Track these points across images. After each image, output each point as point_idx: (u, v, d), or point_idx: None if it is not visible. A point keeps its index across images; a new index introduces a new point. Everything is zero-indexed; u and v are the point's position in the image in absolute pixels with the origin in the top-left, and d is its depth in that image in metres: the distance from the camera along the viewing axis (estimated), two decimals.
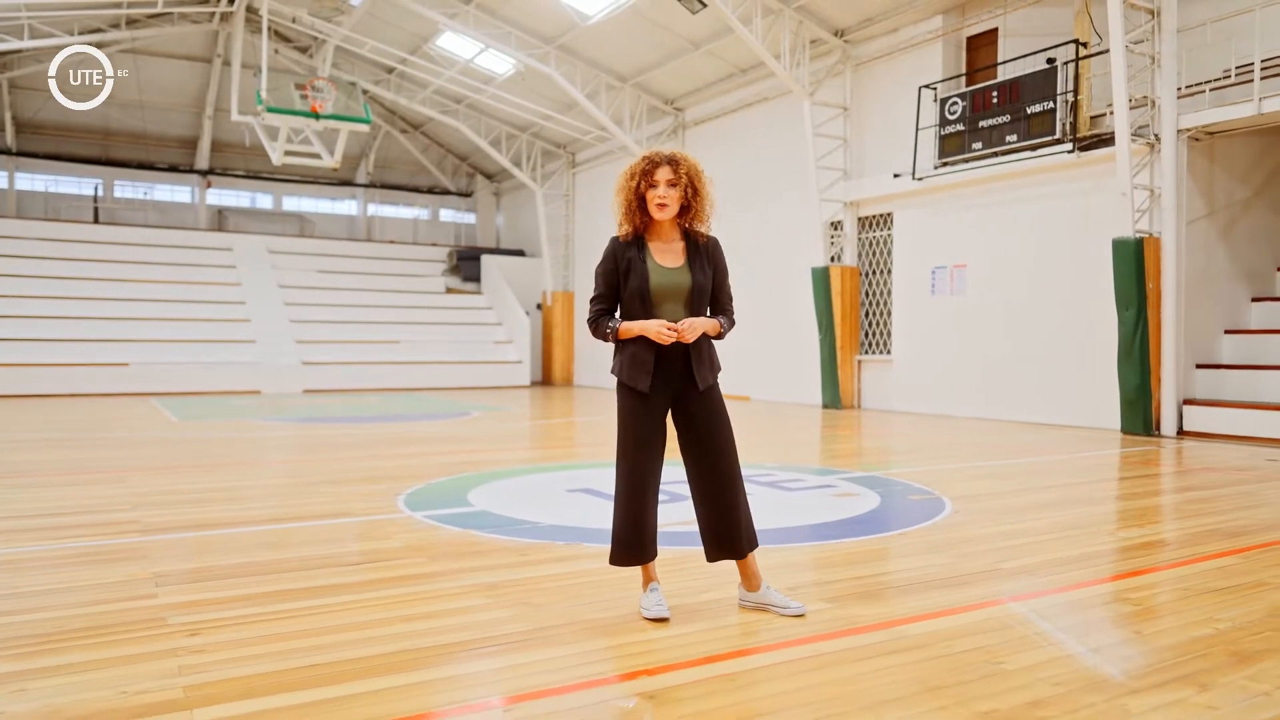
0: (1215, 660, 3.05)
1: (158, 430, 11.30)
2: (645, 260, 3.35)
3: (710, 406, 3.47)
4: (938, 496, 6.33)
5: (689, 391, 3.44)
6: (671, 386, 3.43)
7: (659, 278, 3.34)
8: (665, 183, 3.32)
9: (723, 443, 3.49)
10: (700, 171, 3.39)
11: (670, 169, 3.33)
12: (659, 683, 2.83)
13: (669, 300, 3.36)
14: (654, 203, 3.32)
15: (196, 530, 5.18)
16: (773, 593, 3.54)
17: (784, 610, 3.48)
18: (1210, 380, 11.08)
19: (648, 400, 3.39)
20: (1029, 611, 3.64)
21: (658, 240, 3.41)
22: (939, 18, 13.66)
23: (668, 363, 3.39)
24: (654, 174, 3.33)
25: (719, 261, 3.48)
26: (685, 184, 3.34)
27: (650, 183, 3.33)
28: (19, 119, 22.95)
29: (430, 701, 2.68)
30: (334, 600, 3.75)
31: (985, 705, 2.66)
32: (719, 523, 3.50)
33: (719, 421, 3.49)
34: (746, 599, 3.57)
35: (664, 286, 3.34)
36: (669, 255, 3.39)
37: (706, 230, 3.47)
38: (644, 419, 3.40)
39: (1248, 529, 5.32)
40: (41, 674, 2.89)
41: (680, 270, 3.37)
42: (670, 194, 3.32)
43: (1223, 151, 11.20)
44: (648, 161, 3.35)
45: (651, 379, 3.37)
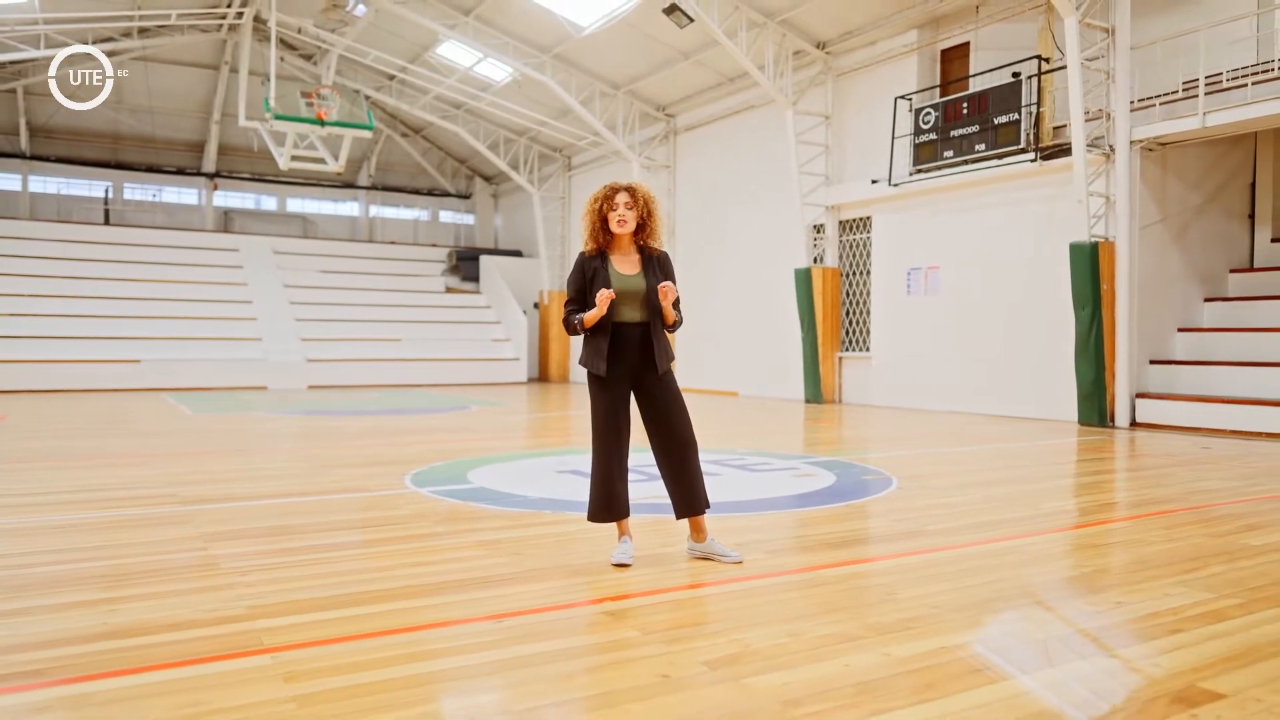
0: (1067, 593, 3.79)
1: (174, 422, 12.03)
2: (607, 269, 4.09)
3: (667, 390, 4.20)
4: (887, 476, 7.07)
5: (648, 376, 4.16)
6: (631, 371, 4.15)
7: (619, 283, 4.08)
8: (624, 205, 4.07)
9: (679, 420, 4.21)
10: (653, 198, 4.15)
11: (628, 195, 4.08)
12: (619, 606, 3.58)
13: (627, 301, 4.09)
14: (614, 221, 4.06)
15: (227, 502, 5.91)
16: (716, 544, 4.28)
17: (725, 558, 4.22)
18: (1163, 375, 11.82)
19: (608, 383, 4.12)
20: (934, 560, 4.38)
21: (617, 253, 4.15)
22: (914, 32, 14.39)
23: (627, 351, 4.12)
24: (614, 199, 4.08)
25: (669, 271, 4.21)
26: (641, 207, 4.08)
27: (611, 205, 4.08)
28: (33, 124, 23.67)
29: (437, 617, 3.42)
30: (355, 551, 4.49)
31: (872, 619, 3.40)
32: (682, 487, 4.22)
33: (675, 402, 4.21)
34: (695, 549, 4.31)
35: (623, 290, 4.08)
36: (627, 264, 4.13)
37: (658, 246, 4.20)
38: (608, 399, 4.13)
39: (1149, 501, 6.06)
40: (127, 600, 3.62)
41: (636, 277, 4.11)
42: (629, 214, 4.06)
43: (1175, 161, 11.94)
44: (609, 189, 4.11)
45: (609, 365, 4.09)
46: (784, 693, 2.67)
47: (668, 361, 4.20)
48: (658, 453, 4.26)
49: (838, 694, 2.66)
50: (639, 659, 2.97)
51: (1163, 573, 4.18)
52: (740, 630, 3.26)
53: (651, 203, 4.13)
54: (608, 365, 4.10)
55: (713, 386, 18.79)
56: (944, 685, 2.74)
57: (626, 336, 4.10)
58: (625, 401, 4.19)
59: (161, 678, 2.77)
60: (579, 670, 2.87)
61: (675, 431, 4.18)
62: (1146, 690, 2.73)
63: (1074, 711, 2.55)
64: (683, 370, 19.86)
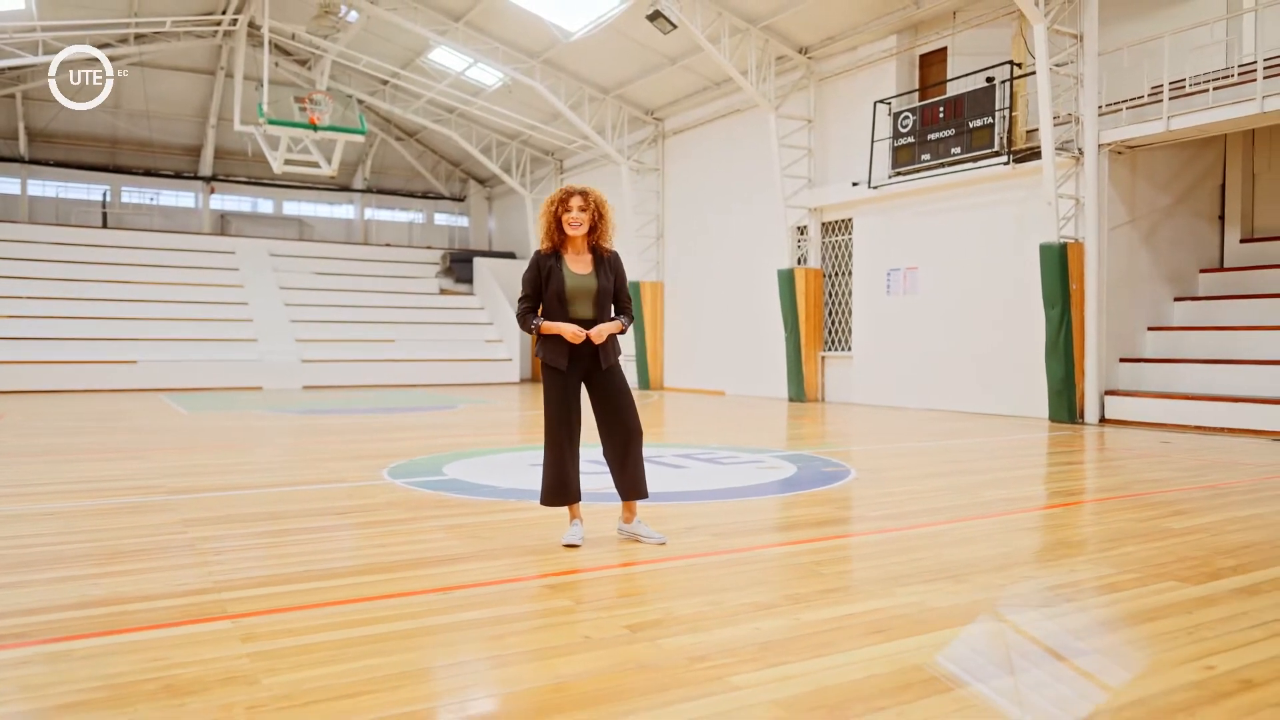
0: (982, 569, 4.08)
1: (170, 420, 12.33)
2: (561, 268, 4.38)
3: (614, 383, 4.48)
4: (847, 468, 7.36)
5: (597, 369, 4.45)
6: (582, 365, 4.44)
7: (572, 282, 4.36)
8: (577, 208, 4.36)
9: (626, 411, 4.50)
10: (604, 202, 4.43)
11: (581, 199, 4.37)
12: (560, 580, 3.87)
13: (580, 299, 4.37)
14: (568, 223, 4.35)
15: (211, 492, 6.20)
16: (642, 525, 4.57)
17: (649, 539, 4.50)
18: (1132, 373, 12.11)
19: (564, 377, 4.41)
20: (867, 541, 4.68)
21: (571, 253, 4.44)
22: (894, 37, 14.69)
23: (579, 347, 4.40)
24: (569, 201, 4.36)
25: (619, 270, 4.50)
26: (593, 210, 4.37)
27: (566, 208, 4.36)
28: (31, 129, 24.00)
29: (390, 590, 3.71)
30: (326, 534, 4.79)
31: (791, 591, 3.69)
32: (626, 473, 4.51)
33: (623, 395, 4.50)
34: (624, 530, 4.60)
35: (576, 289, 4.36)
36: (580, 264, 4.41)
37: (609, 247, 4.49)
38: (562, 391, 4.43)
39: (1089, 490, 6.35)
40: (107, 575, 3.92)
41: (589, 276, 4.39)
42: (581, 216, 4.35)
43: (1144, 163, 12.23)
44: (564, 193, 4.39)
45: (564, 360, 4.38)
46: (692, 650, 2.96)
47: (614, 356, 4.48)
48: (605, 440, 4.55)
49: (742, 651, 2.95)
50: (567, 624, 3.27)
51: (1077, 552, 4.47)
52: (666, 600, 3.56)
53: (603, 206, 4.42)
54: (564, 356, 4.38)
55: (700, 385, 19.09)
56: (840, 644, 3.03)
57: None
58: (576, 393, 4.48)
59: (132, 639, 3.07)
60: (510, 633, 3.16)
61: (623, 422, 4.47)
62: (1021, 646, 3.02)
63: (947, 664, 2.84)
64: (671, 369, 20.17)
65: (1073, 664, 2.84)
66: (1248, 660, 2.86)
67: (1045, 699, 2.56)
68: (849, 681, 2.68)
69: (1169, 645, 3.05)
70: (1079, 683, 2.69)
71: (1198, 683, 2.69)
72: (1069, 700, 2.55)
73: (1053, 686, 2.66)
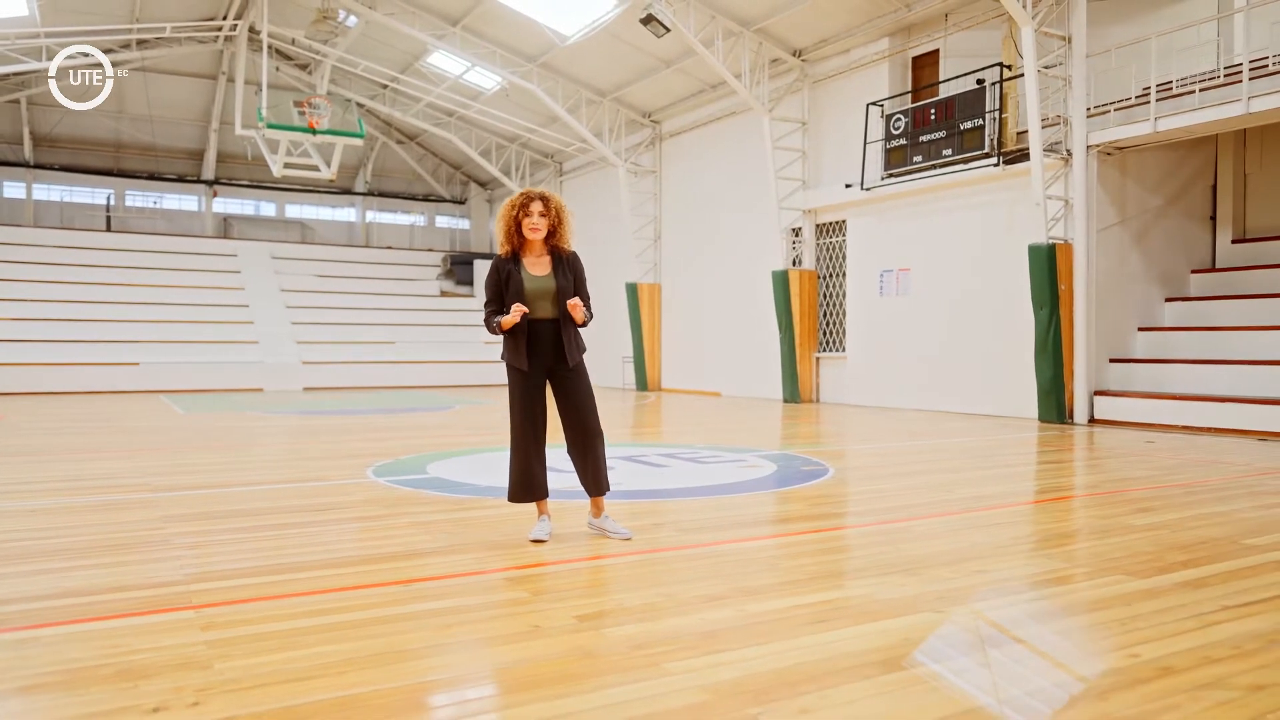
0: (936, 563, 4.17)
1: (164, 420, 12.47)
2: (520, 272, 4.47)
3: (578, 381, 4.56)
4: (825, 467, 7.44)
5: (561, 367, 4.53)
6: (546, 364, 4.52)
7: (531, 284, 4.45)
8: (538, 213, 4.44)
9: (587, 413, 4.56)
10: (563, 206, 4.52)
11: (541, 204, 4.45)
12: (521, 574, 3.97)
13: (540, 300, 4.46)
14: (528, 228, 4.44)
15: (194, 490, 6.31)
16: (609, 521, 4.66)
17: (615, 534, 4.59)
18: (1122, 373, 12.16)
19: (527, 376, 4.50)
20: (830, 537, 4.76)
21: (530, 256, 4.52)
22: (886, 40, 14.76)
23: (541, 345, 4.48)
24: (529, 207, 4.45)
25: (578, 270, 4.58)
26: (553, 216, 4.46)
27: (526, 213, 4.45)
28: (36, 133, 24.24)
29: (353, 582, 3.81)
30: (301, 530, 4.89)
31: (744, 584, 3.77)
32: (588, 470, 4.60)
33: (585, 396, 4.57)
34: (593, 524, 4.69)
35: (535, 290, 4.45)
36: (538, 266, 4.50)
37: (568, 248, 4.57)
38: (526, 390, 4.52)
39: (1061, 488, 6.42)
40: (82, 568, 4.03)
41: (547, 277, 4.48)
42: (541, 222, 4.44)
43: (1134, 164, 12.28)
44: (524, 197, 4.47)
45: (528, 359, 4.47)
46: (636, 639, 3.05)
47: (578, 354, 4.56)
48: (568, 438, 4.63)
49: (684, 639, 3.04)
50: (518, 614, 3.36)
51: (1034, 547, 4.55)
52: (620, 593, 3.65)
53: (563, 212, 4.51)
54: (526, 355, 4.48)
55: (696, 387, 19.17)
56: (780, 634, 3.12)
57: (540, 332, 4.47)
58: (541, 391, 4.57)
59: (95, 627, 3.18)
60: (461, 622, 3.25)
61: (584, 421, 4.55)
62: (953, 636, 3.11)
63: (877, 653, 2.92)
64: (669, 371, 20.25)
65: (1000, 652, 2.93)
66: (1173, 649, 2.94)
67: (964, 685, 2.64)
68: (779, 668, 2.76)
69: (1100, 635, 3.13)
70: (1002, 669, 2.77)
71: (1119, 669, 2.77)
72: (986, 686, 2.64)
73: (975, 673, 2.74)
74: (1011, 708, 2.47)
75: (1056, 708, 2.48)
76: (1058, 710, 2.47)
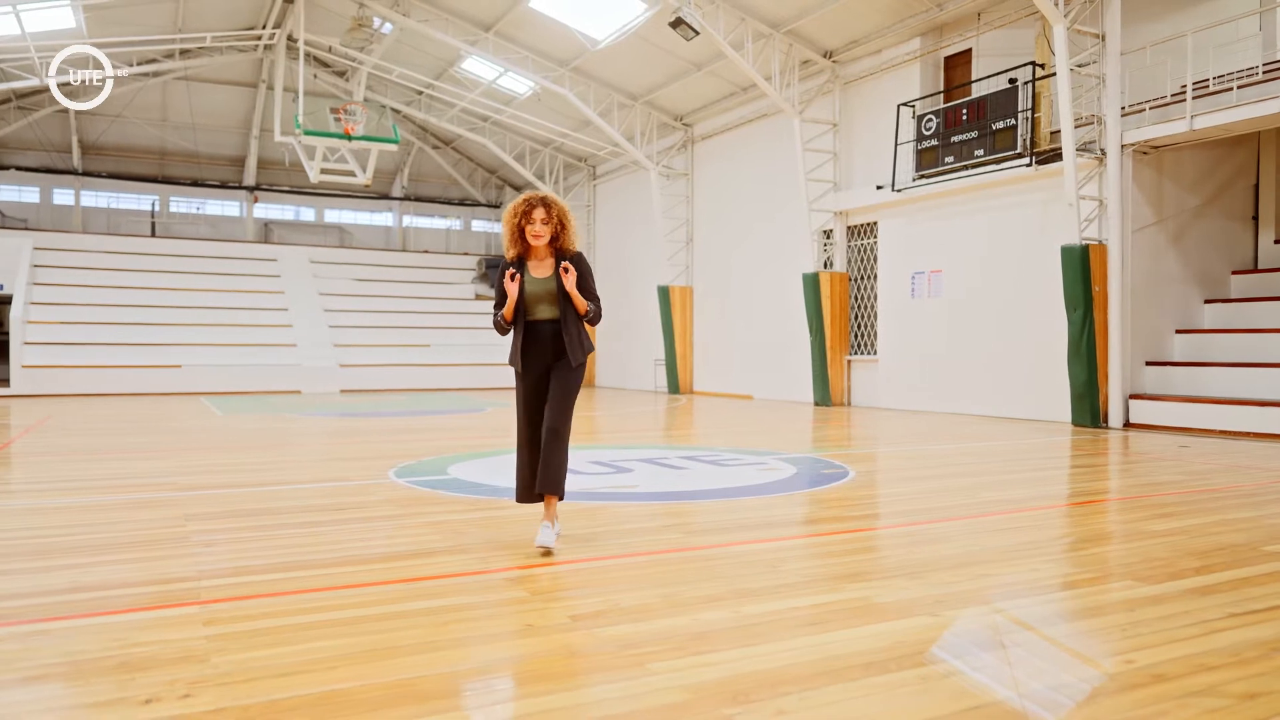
0: (940, 567, 4.13)
1: (201, 422, 12.74)
2: (524, 275, 4.50)
3: (569, 378, 4.49)
4: (846, 470, 7.40)
5: (561, 365, 4.50)
6: (545, 364, 4.53)
7: (532, 286, 4.49)
8: (540, 220, 4.45)
9: (556, 409, 4.44)
10: (567, 211, 4.53)
11: (544, 211, 4.45)
12: (523, 573, 4.01)
13: (540, 302, 4.48)
14: (530, 235, 4.46)
15: (219, 489, 6.45)
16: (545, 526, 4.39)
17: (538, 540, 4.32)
18: (1159, 376, 11.91)
19: (525, 377, 4.53)
20: (837, 540, 4.74)
21: (534, 259, 4.54)
22: (917, 40, 14.63)
23: (540, 345, 4.50)
24: (531, 214, 4.45)
25: (581, 270, 4.54)
26: (555, 222, 4.47)
27: (528, 220, 4.47)
28: (84, 142, 24.91)
29: (357, 580, 3.88)
30: (316, 529, 4.99)
31: (742, 586, 3.78)
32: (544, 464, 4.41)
33: (565, 393, 4.47)
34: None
35: (535, 293, 4.48)
36: (541, 269, 4.52)
37: (573, 249, 4.58)
38: (526, 389, 4.53)
39: (1083, 492, 6.31)
40: (102, 563, 4.15)
41: (548, 279, 4.49)
42: (544, 229, 4.45)
43: (1171, 164, 12.03)
44: (527, 204, 4.48)
45: (525, 358, 4.50)
46: (625, 639, 3.07)
47: (582, 355, 4.53)
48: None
49: (674, 640, 3.05)
50: (514, 613, 3.40)
51: (1045, 552, 4.49)
52: (618, 593, 3.67)
53: (565, 217, 4.51)
54: (524, 359, 4.51)
55: (728, 390, 19.13)
56: (771, 635, 3.12)
57: (540, 332, 4.49)
58: (541, 392, 4.57)
59: (105, 621, 3.27)
60: (456, 620, 3.30)
61: (550, 417, 4.43)
62: (944, 640, 3.08)
63: (870, 655, 2.91)
64: (700, 373, 20.23)
65: (990, 657, 2.90)
66: (1170, 656, 2.89)
67: (947, 689, 2.62)
68: (765, 669, 2.77)
69: (1096, 640, 3.09)
70: (989, 674, 2.75)
71: (1110, 675, 2.73)
72: (970, 690, 2.61)
73: (961, 677, 2.72)
74: (991, 712, 2.45)
75: (1040, 713, 2.46)
76: (1040, 715, 2.44)
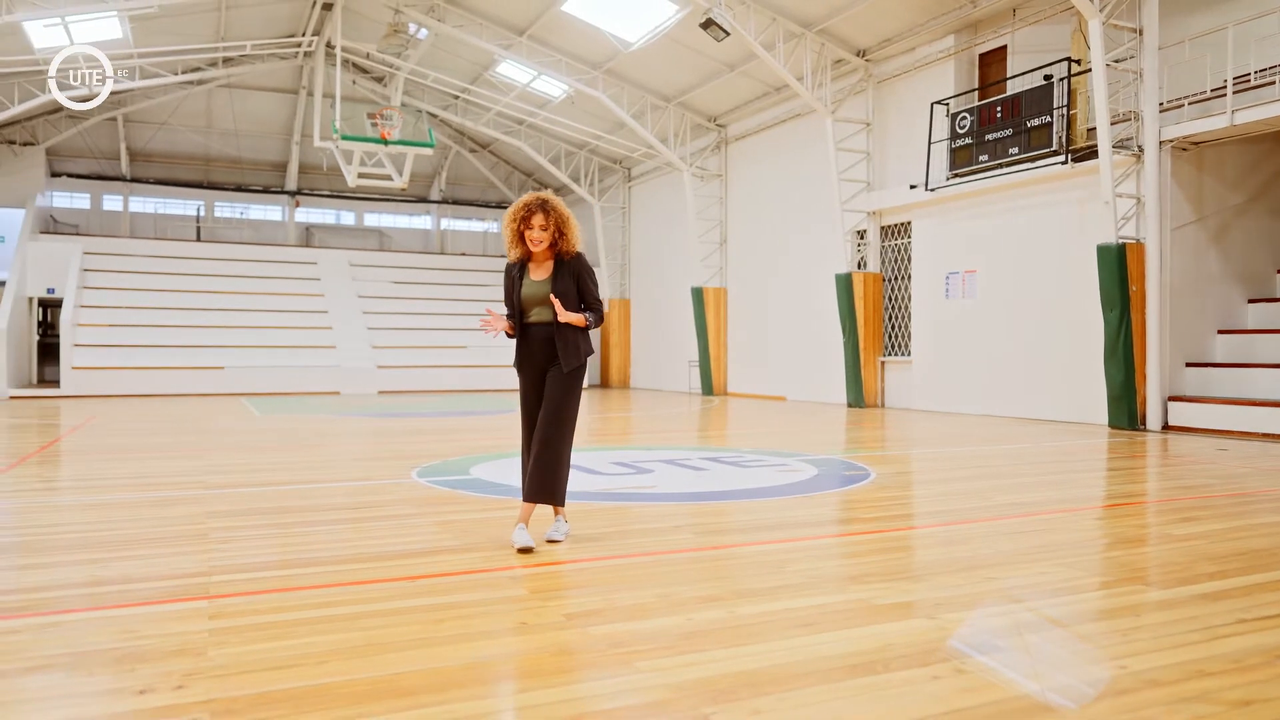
0: (946, 570, 4.09)
1: (239, 422, 13.01)
2: (523, 278, 4.53)
3: (563, 384, 4.50)
4: (868, 471, 7.34)
5: (553, 369, 4.53)
6: (542, 367, 4.55)
7: (528, 289, 4.51)
8: (539, 226, 4.45)
9: (550, 416, 4.47)
10: (566, 217, 4.52)
11: (543, 216, 4.45)
12: (526, 572, 4.04)
13: (537, 305, 4.52)
14: (530, 240, 4.47)
15: (245, 488, 6.59)
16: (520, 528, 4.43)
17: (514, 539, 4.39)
18: (1200, 378, 11.63)
19: (522, 379, 4.59)
20: (846, 541, 4.71)
21: (534, 262, 4.57)
22: (951, 37, 14.47)
23: (535, 347, 4.53)
24: (530, 219, 4.46)
25: (580, 273, 4.56)
26: (554, 227, 4.48)
27: (527, 225, 4.48)
28: (132, 149, 25.57)
29: (362, 577, 3.94)
30: (331, 527, 5.08)
31: (743, 586, 3.78)
32: (534, 473, 4.48)
33: (560, 398, 4.49)
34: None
35: (531, 296, 4.51)
36: (540, 272, 4.54)
37: (573, 250, 4.59)
38: (524, 391, 4.60)
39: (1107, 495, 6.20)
40: (122, 558, 4.27)
41: (544, 283, 4.50)
42: (542, 235, 4.45)
43: (1212, 160, 11.75)
44: (526, 209, 4.48)
45: (521, 359, 4.58)
46: (617, 637, 3.09)
47: (575, 360, 4.51)
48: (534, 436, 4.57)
49: (664, 639, 3.07)
50: (510, 611, 3.44)
51: (1057, 555, 4.41)
52: (617, 593, 3.69)
53: (565, 222, 4.49)
54: (520, 361, 4.58)
55: (762, 391, 19.06)
56: (762, 636, 3.11)
57: (535, 335, 4.54)
58: (540, 392, 4.58)
59: (115, 614, 3.36)
60: (452, 617, 3.34)
61: (543, 424, 4.48)
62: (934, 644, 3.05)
63: (858, 657, 2.89)
64: (735, 375, 20.17)
65: (978, 660, 2.87)
66: (1167, 661, 2.84)
67: (928, 692, 2.60)
68: (750, 669, 2.77)
69: (1094, 645, 3.05)
70: (975, 678, 2.72)
71: (1101, 680, 2.69)
72: (949, 694, 2.59)
73: (946, 680, 2.69)
74: (968, 716, 2.43)
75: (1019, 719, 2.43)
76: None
